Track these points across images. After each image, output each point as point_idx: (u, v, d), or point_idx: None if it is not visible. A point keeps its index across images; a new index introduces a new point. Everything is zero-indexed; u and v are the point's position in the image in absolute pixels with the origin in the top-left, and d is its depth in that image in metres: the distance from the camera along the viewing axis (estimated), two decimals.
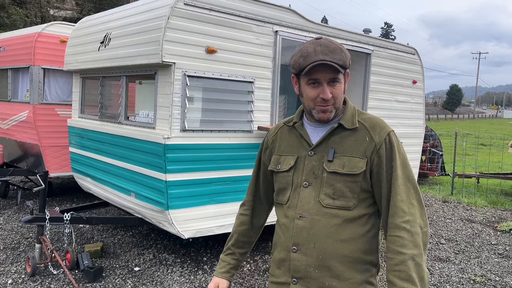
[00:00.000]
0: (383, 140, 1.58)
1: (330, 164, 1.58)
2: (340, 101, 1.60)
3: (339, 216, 1.56)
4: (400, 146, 1.61)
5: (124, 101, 4.72)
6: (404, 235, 1.50)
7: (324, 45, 1.54)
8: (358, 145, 1.58)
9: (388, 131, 1.61)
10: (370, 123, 1.62)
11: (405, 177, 1.56)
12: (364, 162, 1.56)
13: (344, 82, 1.60)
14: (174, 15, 3.83)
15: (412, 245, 1.49)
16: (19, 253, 4.75)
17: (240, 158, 4.43)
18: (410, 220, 1.52)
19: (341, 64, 1.52)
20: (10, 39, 7.13)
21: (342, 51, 1.55)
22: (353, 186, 1.56)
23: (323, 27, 5.05)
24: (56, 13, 22.26)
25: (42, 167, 6.42)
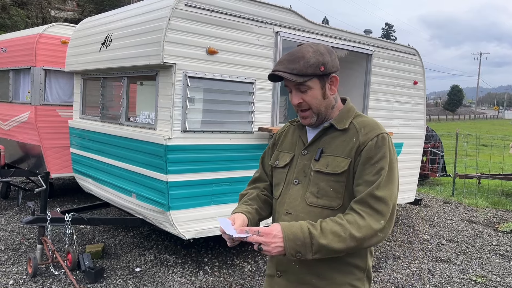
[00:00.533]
0: (369, 140, 1.56)
1: (316, 163, 1.63)
2: (316, 106, 1.62)
3: (322, 216, 1.57)
4: (391, 153, 1.57)
5: (125, 102, 4.73)
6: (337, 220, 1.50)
7: (290, 54, 1.61)
8: (345, 146, 1.60)
9: (377, 133, 1.58)
10: (361, 124, 1.62)
11: (378, 188, 1.50)
12: (347, 162, 1.57)
13: (321, 87, 1.61)
14: (175, 16, 3.83)
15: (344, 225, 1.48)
16: (20, 254, 4.76)
17: (241, 159, 4.43)
18: (342, 224, 1.48)
19: (295, 73, 1.57)
20: (12, 40, 7.15)
21: (303, 59, 1.57)
22: (337, 186, 1.58)
23: (323, 28, 5.06)
24: (57, 14, 22.30)
25: (43, 168, 6.43)
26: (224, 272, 4.49)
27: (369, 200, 1.50)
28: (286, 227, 1.47)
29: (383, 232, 1.50)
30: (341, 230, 1.46)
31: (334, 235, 1.46)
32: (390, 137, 1.61)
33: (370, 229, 1.47)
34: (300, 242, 1.45)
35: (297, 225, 1.48)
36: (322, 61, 1.58)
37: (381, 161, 1.54)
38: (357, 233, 1.46)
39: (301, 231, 1.46)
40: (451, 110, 69.22)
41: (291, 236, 1.45)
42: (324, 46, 1.64)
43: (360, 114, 1.69)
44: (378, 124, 1.64)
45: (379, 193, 1.50)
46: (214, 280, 4.28)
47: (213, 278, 4.33)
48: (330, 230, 1.47)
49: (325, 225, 1.48)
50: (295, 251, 1.45)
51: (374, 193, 1.50)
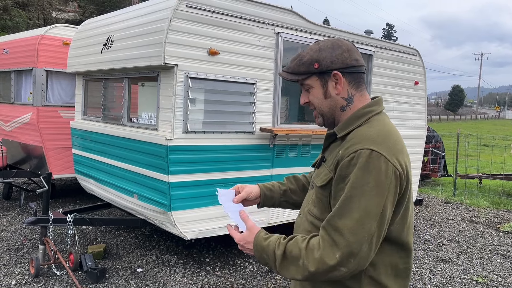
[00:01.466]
0: (345, 156, 1.37)
1: (315, 172, 1.60)
2: (318, 106, 1.53)
3: (314, 224, 1.50)
4: (367, 171, 1.32)
5: (127, 103, 4.74)
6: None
7: (297, 54, 1.57)
8: (333, 157, 1.46)
9: (357, 148, 1.35)
10: (352, 136, 1.43)
11: (335, 215, 1.34)
12: (328, 176, 1.44)
13: (321, 85, 1.50)
14: (176, 17, 3.85)
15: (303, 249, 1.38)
16: (22, 255, 4.77)
17: (242, 159, 4.44)
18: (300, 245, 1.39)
19: (290, 72, 1.54)
20: (14, 42, 7.17)
21: (298, 57, 1.53)
22: (323, 199, 1.47)
23: (324, 28, 5.07)
24: (59, 16, 22.35)
25: (45, 168, 6.45)
26: (225, 273, 4.50)
27: (327, 228, 1.34)
28: (257, 240, 1.47)
29: (345, 267, 1.30)
30: (297, 255, 1.37)
31: (291, 262, 1.38)
32: (378, 155, 1.33)
33: (323, 264, 1.31)
34: (266, 255, 1.44)
35: (268, 240, 1.46)
36: (316, 58, 1.47)
37: (348, 182, 1.34)
38: (311, 266, 1.33)
39: (268, 248, 1.44)
40: (452, 110, 69.14)
41: (259, 247, 1.46)
42: (332, 41, 1.52)
43: (371, 122, 1.46)
44: (371, 137, 1.38)
45: (335, 222, 1.33)
46: (216, 281, 4.29)
47: (215, 279, 4.34)
48: (290, 253, 1.39)
49: (289, 245, 1.41)
50: (264, 262, 1.46)
51: (331, 220, 1.34)
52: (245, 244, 1.51)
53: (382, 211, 1.32)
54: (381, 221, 1.32)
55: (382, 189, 1.31)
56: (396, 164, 1.35)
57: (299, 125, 5.03)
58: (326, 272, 1.32)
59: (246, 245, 1.50)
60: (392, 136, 1.41)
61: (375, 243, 1.32)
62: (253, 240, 1.49)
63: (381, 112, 1.51)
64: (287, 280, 4.39)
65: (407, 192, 1.40)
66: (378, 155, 1.33)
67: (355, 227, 1.29)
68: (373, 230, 1.31)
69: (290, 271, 1.38)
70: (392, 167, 1.33)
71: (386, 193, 1.32)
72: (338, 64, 1.47)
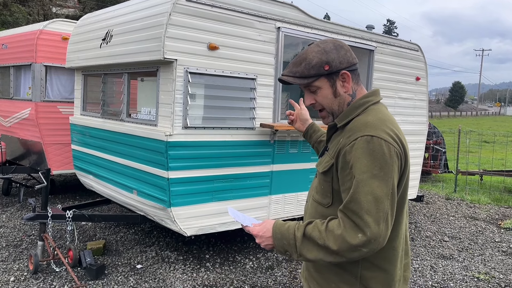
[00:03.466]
0: (348, 144, 1.47)
1: (318, 160, 1.70)
2: (328, 106, 1.62)
3: (317, 210, 1.63)
4: (371, 158, 1.41)
5: (126, 98, 4.71)
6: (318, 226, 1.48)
7: (297, 56, 1.62)
8: (335, 145, 1.57)
9: (359, 135, 1.45)
10: (353, 125, 1.53)
11: (351, 200, 1.41)
12: (330, 163, 1.55)
13: (330, 85, 1.58)
14: (175, 11, 3.80)
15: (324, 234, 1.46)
16: (21, 251, 4.75)
17: (242, 155, 4.41)
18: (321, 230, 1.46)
19: (298, 76, 1.58)
20: (12, 37, 7.13)
21: (305, 61, 1.57)
22: (325, 185, 1.58)
23: (326, 23, 5.02)
24: (59, 11, 22.28)
25: (45, 164, 6.42)
26: (225, 269, 4.48)
27: (346, 212, 1.42)
28: (276, 226, 1.53)
29: (366, 247, 1.38)
30: (318, 237, 1.44)
31: (312, 243, 1.45)
32: (378, 139, 1.43)
33: (345, 243, 1.39)
34: (285, 241, 1.49)
35: (287, 225, 1.52)
36: (325, 60, 1.55)
37: (353, 168, 1.43)
38: (333, 245, 1.41)
39: (288, 232, 1.50)
40: (453, 106, 69.10)
41: (279, 235, 1.51)
42: (333, 43, 1.59)
43: (368, 111, 1.56)
44: (369, 124, 1.48)
45: (352, 206, 1.40)
46: (216, 277, 4.27)
47: (215, 275, 4.32)
48: (310, 235, 1.46)
49: (308, 228, 1.48)
50: (283, 250, 1.50)
51: (348, 206, 1.42)
52: (264, 234, 1.54)
53: (392, 190, 1.42)
54: (392, 200, 1.43)
55: (388, 169, 1.41)
56: (395, 144, 1.45)
57: None
58: (348, 251, 1.40)
59: (265, 234, 1.53)
60: (388, 121, 1.52)
61: (390, 221, 1.42)
62: (272, 226, 1.53)
63: (378, 102, 1.61)
64: (288, 277, 4.37)
65: (406, 170, 1.51)
66: (378, 139, 1.43)
67: (372, 209, 1.38)
68: (387, 209, 1.40)
69: (311, 252, 1.45)
70: (393, 147, 1.44)
71: (392, 173, 1.42)
72: (345, 64, 1.57)
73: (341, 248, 1.40)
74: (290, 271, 4.52)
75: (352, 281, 1.55)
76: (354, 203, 1.40)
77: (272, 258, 4.83)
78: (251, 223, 1.60)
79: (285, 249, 1.49)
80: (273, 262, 4.73)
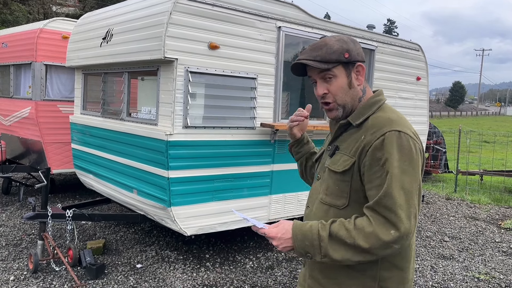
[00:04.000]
0: (374, 140, 1.46)
1: (329, 160, 1.62)
2: (341, 97, 1.57)
3: (329, 214, 1.56)
4: (401, 154, 1.43)
5: (126, 97, 4.70)
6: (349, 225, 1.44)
7: (313, 44, 1.59)
8: (353, 144, 1.53)
9: (384, 131, 1.45)
10: (373, 122, 1.52)
11: (386, 195, 1.40)
12: (351, 161, 1.50)
13: (346, 75, 1.56)
14: (176, 10, 3.79)
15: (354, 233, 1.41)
16: (21, 250, 4.74)
17: (242, 155, 4.40)
18: (359, 226, 1.41)
19: (319, 60, 1.53)
20: (13, 35, 7.12)
21: (326, 45, 1.54)
22: (342, 185, 1.53)
23: (326, 23, 5.01)
24: (59, 10, 22.26)
25: (44, 163, 6.41)
26: (225, 269, 4.47)
27: (377, 208, 1.40)
28: (296, 227, 1.46)
29: (398, 243, 1.38)
30: (346, 236, 1.40)
31: (340, 242, 1.40)
32: (406, 135, 1.45)
33: (377, 240, 1.37)
34: (308, 241, 1.43)
35: (308, 225, 1.46)
36: (346, 48, 1.53)
37: (386, 163, 1.41)
38: (364, 243, 1.38)
39: (311, 232, 1.43)
40: (453, 106, 69.09)
41: (300, 236, 1.44)
42: (347, 37, 1.60)
43: (383, 109, 1.57)
44: (393, 120, 1.50)
45: (386, 202, 1.39)
46: (216, 277, 4.26)
47: (215, 275, 4.31)
48: (336, 234, 1.41)
49: (334, 227, 1.43)
50: (304, 251, 1.44)
51: (381, 202, 1.39)
52: (283, 235, 1.46)
53: (419, 185, 1.44)
54: (419, 195, 1.44)
55: (415, 165, 1.43)
56: (418, 141, 1.48)
57: None
58: (380, 249, 1.38)
59: (284, 235, 1.46)
60: (406, 119, 1.55)
61: (417, 216, 1.43)
62: (291, 227, 1.47)
63: (386, 101, 1.64)
64: (288, 276, 4.37)
65: (423, 167, 1.54)
66: (405, 135, 1.45)
67: (404, 204, 1.38)
68: (415, 204, 1.41)
69: (338, 251, 1.40)
70: (417, 144, 1.47)
71: (418, 169, 1.44)
72: (360, 57, 1.57)
73: (373, 245, 1.37)
74: (290, 271, 4.51)
75: (369, 284, 1.51)
76: (388, 198, 1.38)
77: (272, 258, 4.82)
78: (263, 224, 1.52)
79: (306, 251, 1.43)
80: (273, 262, 4.73)
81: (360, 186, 1.50)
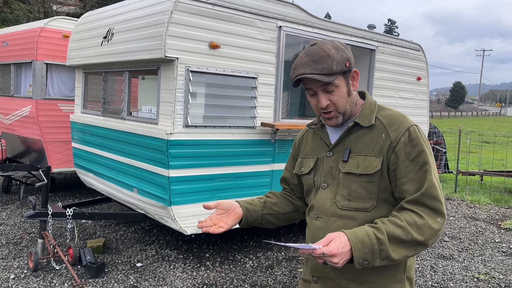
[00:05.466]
0: (400, 136, 1.50)
1: (345, 165, 1.56)
2: (343, 105, 1.55)
3: (356, 218, 1.52)
4: (427, 145, 1.52)
5: (127, 96, 4.70)
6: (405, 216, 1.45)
7: (311, 55, 1.50)
8: (374, 143, 1.53)
9: (407, 126, 1.51)
10: (388, 120, 1.55)
11: (431, 186, 1.46)
12: (379, 160, 1.50)
13: (346, 84, 1.54)
14: (177, 9, 3.80)
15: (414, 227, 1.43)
16: (21, 248, 4.75)
17: (243, 154, 4.40)
18: (406, 219, 1.44)
19: (325, 73, 1.48)
20: (13, 34, 7.12)
21: (330, 57, 1.48)
22: (370, 187, 1.51)
23: (327, 22, 5.01)
24: (59, 9, 22.25)
25: (45, 162, 6.42)
26: (225, 268, 4.48)
27: (424, 200, 1.44)
28: (354, 236, 1.38)
29: (441, 230, 1.46)
30: (403, 233, 1.41)
31: (398, 241, 1.40)
32: (419, 127, 1.55)
33: (430, 229, 1.42)
34: (368, 249, 1.38)
35: (362, 231, 1.40)
36: (346, 57, 1.52)
37: (420, 155, 1.48)
38: (419, 236, 1.41)
39: (368, 238, 1.39)
40: (453, 106, 69.08)
41: (359, 245, 1.37)
42: (337, 41, 1.57)
43: (382, 107, 1.63)
44: (404, 116, 1.57)
45: (433, 192, 1.45)
46: (216, 276, 4.27)
47: (215, 274, 4.31)
48: (392, 234, 1.40)
49: (387, 228, 1.41)
50: (363, 260, 1.38)
51: (428, 192, 1.44)
52: (343, 249, 1.35)
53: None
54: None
55: (432, 154, 1.54)
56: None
57: (300, 120, 4.99)
58: (433, 237, 1.44)
59: (343, 249, 1.35)
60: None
61: None
62: (348, 239, 1.37)
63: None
64: (288, 276, 4.37)
65: None
66: (419, 128, 1.55)
67: (440, 192, 1.48)
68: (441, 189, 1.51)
69: (397, 251, 1.41)
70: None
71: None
72: (353, 62, 1.57)
73: (428, 236, 1.42)
74: (290, 270, 4.52)
75: (400, 277, 1.56)
76: (433, 188, 1.45)
77: (272, 257, 4.83)
78: (311, 245, 1.35)
79: (365, 258, 1.38)
80: (273, 261, 4.73)
81: (388, 184, 1.51)
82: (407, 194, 1.47)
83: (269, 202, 1.81)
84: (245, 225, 1.75)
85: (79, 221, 5.57)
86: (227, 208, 1.68)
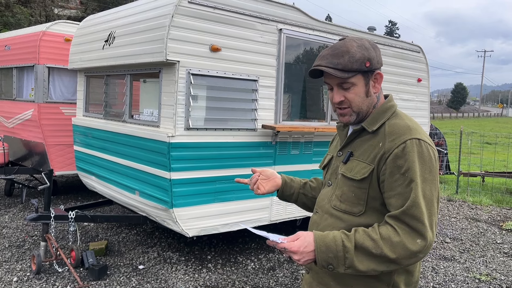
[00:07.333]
0: (394, 147, 1.44)
1: (343, 166, 1.58)
2: (358, 104, 1.53)
3: (343, 220, 1.53)
4: (422, 162, 1.42)
5: (129, 99, 4.72)
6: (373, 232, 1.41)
7: (333, 48, 1.52)
8: (371, 150, 1.50)
9: (405, 139, 1.44)
10: (390, 129, 1.50)
11: (413, 205, 1.38)
12: (369, 168, 1.48)
13: (365, 84, 1.52)
14: (178, 13, 3.82)
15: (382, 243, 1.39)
16: (24, 251, 4.77)
17: (244, 156, 4.42)
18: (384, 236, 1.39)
19: (340, 68, 1.47)
20: (15, 38, 7.15)
21: (348, 53, 1.47)
22: (359, 192, 1.50)
23: (327, 25, 5.03)
24: (61, 12, 22.32)
25: (47, 165, 6.44)
26: (227, 270, 4.49)
27: (403, 218, 1.39)
28: (319, 238, 1.40)
29: (423, 252, 1.38)
30: (373, 246, 1.37)
31: (366, 253, 1.37)
32: (425, 143, 1.45)
33: (404, 249, 1.36)
34: (332, 254, 1.38)
35: (330, 236, 1.41)
36: (368, 56, 1.49)
37: (409, 171, 1.40)
38: (391, 253, 1.36)
39: (335, 243, 1.39)
40: (455, 108, 69.02)
41: (323, 248, 1.39)
42: (368, 41, 1.55)
43: (398, 115, 1.56)
44: (411, 128, 1.48)
45: (414, 211, 1.37)
46: (217, 278, 4.28)
47: (216, 276, 4.33)
48: (361, 245, 1.38)
49: (358, 237, 1.40)
50: (327, 263, 1.39)
51: (408, 211, 1.38)
52: (305, 249, 1.38)
53: (438, 194, 1.45)
54: (438, 203, 1.45)
55: (435, 173, 1.43)
56: (435, 149, 1.48)
57: (301, 122, 5.01)
58: (407, 258, 1.37)
59: (306, 248, 1.39)
60: (421, 126, 1.54)
61: (436, 225, 1.46)
62: (313, 239, 1.40)
63: (397, 107, 1.63)
64: (289, 277, 4.38)
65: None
66: (425, 143, 1.44)
67: (428, 213, 1.38)
68: (436, 213, 1.42)
69: (363, 262, 1.38)
70: (435, 151, 1.47)
71: (437, 177, 1.44)
72: (380, 64, 1.54)
73: (400, 255, 1.36)
74: (291, 272, 4.53)
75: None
76: (415, 208, 1.37)
77: (273, 259, 4.84)
78: (279, 238, 1.41)
79: (329, 262, 1.38)
80: (274, 263, 4.74)
81: (378, 194, 1.48)
82: (392, 208, 1.43)
83: (308, 185, 1.89)
84: (281, 197, 1.88)
85: (81, 223, 5.59)
86: (269, 175, 1.88)
